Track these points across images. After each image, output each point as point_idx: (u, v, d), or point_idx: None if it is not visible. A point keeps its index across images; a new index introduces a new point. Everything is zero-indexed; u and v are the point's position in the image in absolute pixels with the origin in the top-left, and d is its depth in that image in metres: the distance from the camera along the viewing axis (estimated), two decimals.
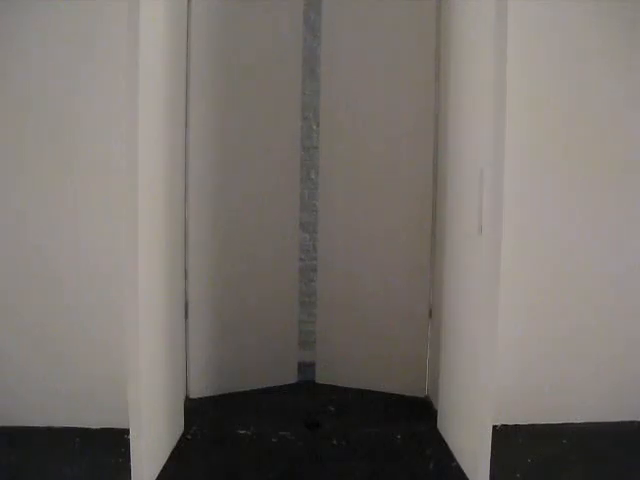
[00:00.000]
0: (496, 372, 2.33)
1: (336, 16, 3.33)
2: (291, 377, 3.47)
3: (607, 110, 2.92)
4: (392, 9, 3.21)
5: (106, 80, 2.70)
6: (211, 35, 3.12)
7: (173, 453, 2.64)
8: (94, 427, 2.77)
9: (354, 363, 3.40)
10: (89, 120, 2.74)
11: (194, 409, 3.06)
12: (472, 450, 2.44)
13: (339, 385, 3.42)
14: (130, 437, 2.23)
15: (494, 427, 2.33)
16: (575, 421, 2.93)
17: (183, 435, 2.80)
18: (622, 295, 2.98)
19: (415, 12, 3.16)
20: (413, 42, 3.18)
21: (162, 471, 2.49)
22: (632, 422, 2.96)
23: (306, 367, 3.52)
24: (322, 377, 3.49)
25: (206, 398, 3.23)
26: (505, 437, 2.74)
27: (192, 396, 3.22)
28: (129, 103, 2.17)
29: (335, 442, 2.79)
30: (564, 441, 2.79)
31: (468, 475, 2.49)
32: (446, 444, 2.77)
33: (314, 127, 3.50)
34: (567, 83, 2.88)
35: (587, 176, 2.92)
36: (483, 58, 2.36)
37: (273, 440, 2.79)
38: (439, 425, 2.91)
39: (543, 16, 2.82)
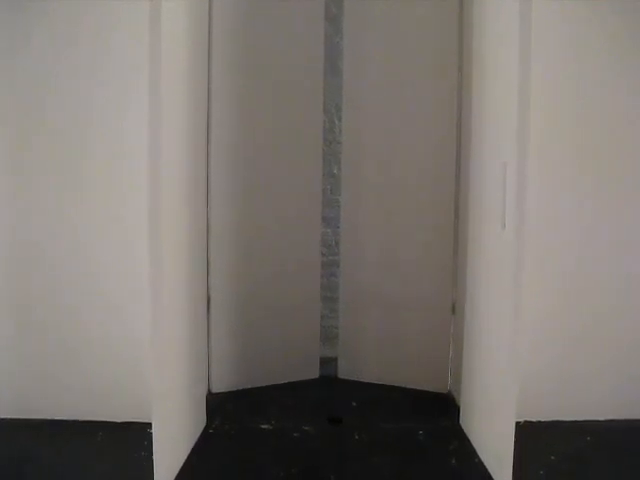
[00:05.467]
0: (519, 368, 2.31)
1: (358, 10, 3.31)
2: (313, 372, 3.47)
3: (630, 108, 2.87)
4: (415, 2, 3.19)
5: (121, 75, 2.71)
6: (232, 30, 3.12)
7: (195, 447, 2.66)
8: (117, 420, 2.79)
9: (376, 358, 3.40)
10: (104, 119, 2.75)
11: (216, 403, 3.08)
12: (495, 446, 2.43)
13: (361, 380, 3.41)
14: (153, 431, 2.24)
15: (517, 423, 2.30)
16: (600, 418, 2.89)
17: (205, 429, 2.82)
18: None
19: (439, 5, 3.13)
20: (436, 35, 3.15)
21: (184, 464, 2.51)
22: None
23: (328, 362, 3.52)
24: (344, 372, 3.48)
25: (228, 392, 3.24)
26: (529, 433, 2.71)
27: (214, 390, 3.24)
28: (152, 99, 2.17)
29: (357, 437, 2.79)
30: (588, 438, 2.76)
31: (491, 472, 2.47)
32: (469, 440, 2.75)
33: (336, 122, 3.49)
34: (587, 78, 2.84)
35: (612, 174, 2.88)
36: (506, 52, 2.34)
37: (295, 435, 2.80)
38: (462, 421, 2.90)
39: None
